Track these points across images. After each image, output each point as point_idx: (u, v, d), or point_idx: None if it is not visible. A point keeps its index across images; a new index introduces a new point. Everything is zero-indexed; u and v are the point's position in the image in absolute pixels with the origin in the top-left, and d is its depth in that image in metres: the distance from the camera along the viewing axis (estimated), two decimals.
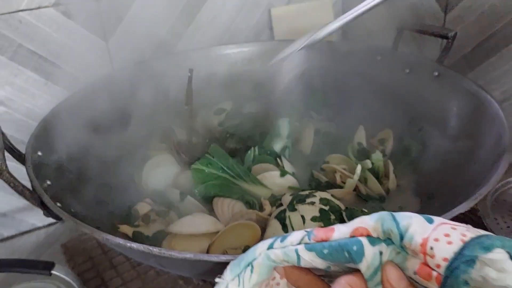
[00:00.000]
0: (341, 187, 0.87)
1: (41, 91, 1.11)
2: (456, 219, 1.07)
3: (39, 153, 0.75)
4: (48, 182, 0.71)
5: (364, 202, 0.84)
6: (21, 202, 1.14)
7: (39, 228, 1.21)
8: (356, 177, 0.85)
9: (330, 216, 0.73)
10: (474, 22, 1.09)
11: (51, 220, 1.18)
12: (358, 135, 0.97)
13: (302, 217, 0.74)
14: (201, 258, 0.54)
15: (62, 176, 0.76)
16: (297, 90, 1.04)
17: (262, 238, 0.74)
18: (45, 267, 0.85)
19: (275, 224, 0.74)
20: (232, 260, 0.54)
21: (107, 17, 1.13)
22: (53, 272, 0.86)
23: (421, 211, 0.82)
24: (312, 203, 0.76)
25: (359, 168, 0.86)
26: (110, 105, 0.87)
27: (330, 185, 0.88)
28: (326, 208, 0.75)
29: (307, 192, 0.80)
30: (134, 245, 0.56)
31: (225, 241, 0.72)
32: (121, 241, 0.57)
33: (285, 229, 0.74)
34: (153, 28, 1.18)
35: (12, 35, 1.05)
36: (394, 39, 0.99)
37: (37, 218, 1.20)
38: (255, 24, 1.29)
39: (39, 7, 1.06)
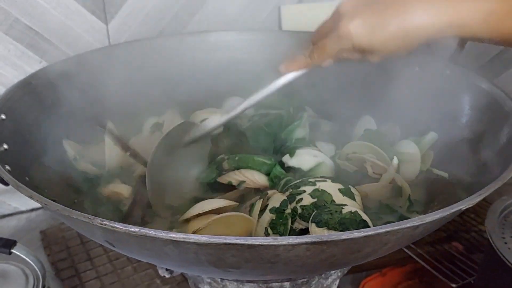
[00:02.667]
0: (373, 179, 0.77)
1: (34, 69, 1.01)
2: (461, 238, 0.97)
3: (3, 116, 0.67)
4: (5, 146, 0.63)
5: (400, 196, 0.74)
6: None
7: (21, 212, 1.13)
8: (392, 169, 0.75)
9: (285, 210, 0.64)
10: None
11: (34, 205, 1.12)
12: (364, 123, 0.88)
13: (266, 206, 0.65)
14: (146, 233, 0.44)
15: (25, 144, 0.67)
16: (297, 84, 0.94)
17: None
18: (5, 245, 0.76)
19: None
20: (184, 239, 0.44)
21: None
22: (13, 251, 0.76)
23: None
24: (302, 192, 0.67)
25: (395, 160, 0.76)
26: (89, 81, 0.79)
27: (361, 175, 0.79)
28: (312, 201, 0.65)
29: (313, 180, 0.70)
30: (75, 214, 0.47)
31: (214, 230, 0.62)
32: (59, 207, 0.48)
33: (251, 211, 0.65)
34: (156, 15, 1.10)
35: (8, 8, 0.98)
36: None
37: (20, 202, 1.12)
38: (264, 21, 1.21)
39: None
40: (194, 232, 0.59)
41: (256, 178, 0.75)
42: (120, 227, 0.45)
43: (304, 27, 1.16)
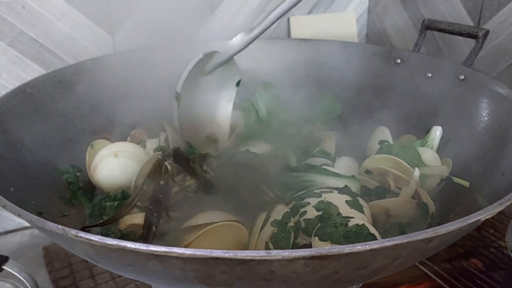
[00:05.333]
0: (396, 194, 0.70)
1: None
2: (480, 255, 0.90)
3: None
4: None
5: (426, 214, 0.66)
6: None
7: (25, 228, 1.08)
8: (413, 183, 0.67)
9: (288, 224, 0.58)
10: (509, 37, 0.93)
11: None
12: (379, 134, 0.80)
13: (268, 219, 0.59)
14: (125, 246, 0.38)
15: (14, 153, 0.63)
16: (305, 93, 0.89)
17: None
18: None
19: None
20: (166, 253, 0.38)
21: (116, 10, 1.02)
22: (5, 267, 0.71)
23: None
24: (306, 204, 0.60)
25: (417, 171, 0.68)
26: (87, 90, 0.74)
27: (383, 191, 0.71)
28: (317, 214, 0.59)
29: (319, 191, 0.63)
30: (48, 225, 0.41)
31: (204, 242, 0.56)
32: (33, 218, 0.42)
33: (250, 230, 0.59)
34: (163, 26, 1.06)
35: (13, 20, 0.95)
36: (416, 40, 0.83)
37: None
38: (273, 32, 1.16)
39: None
40: (186, 246, 0.53)
41: None
42: (96, 239, 0.39)
43: (313, 37, 1.11)
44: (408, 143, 0.77)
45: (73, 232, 0.40)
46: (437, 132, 0.74)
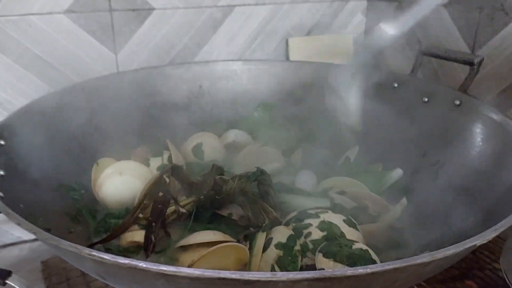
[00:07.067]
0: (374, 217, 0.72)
1: None
2: (474, 277, 0.91)
3: (1, 142, 0.64)
4: (1, 173, 0.60)
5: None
6: None
7: (24, 242, 1.08)
8: (399, 209, 0.71)
9: (294, 247, 0.59)
10: (504, 62, 0.96)
11: None
12: (348, 154, 0.85)
13: (270, 240, 0.60)
14: (136, 265, 0.40)
15: (23, 171, 0.64)
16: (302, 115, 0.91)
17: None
18: (0, 275, 0.71)
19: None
20: (175, 272, 0.40)
21: (119, 29, 1.04)
22: (8, 282, 0.72)
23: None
24: (309, 225, 0.62)
25: (404, 201, 0.72)
26: (93, 109, 0.76)
27: (359, 212, 0.73)
28: (322, 234, 0.60)
29: (314, 212, 0.65)
30: (63, 244, 0.43)
31: (208, 261, 0.58)
32: (47, 236, 0.45)
33: (251, 250, 0.60)
34: (166, 45, 1.08)
35: (19, 38, 0.97)
36: (413, 65, 0.85)
37: (24, 231, 1.06)
38: (271, 53, 1.18)
39: (50, 13, 0.98)
40: (189, 266, 0.55)
41: None
42: (109, 258, 0.41)
43: (311, 58, 1.14)
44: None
45: (87, 251, 0.42)
46: (397, 174, 0.77)
